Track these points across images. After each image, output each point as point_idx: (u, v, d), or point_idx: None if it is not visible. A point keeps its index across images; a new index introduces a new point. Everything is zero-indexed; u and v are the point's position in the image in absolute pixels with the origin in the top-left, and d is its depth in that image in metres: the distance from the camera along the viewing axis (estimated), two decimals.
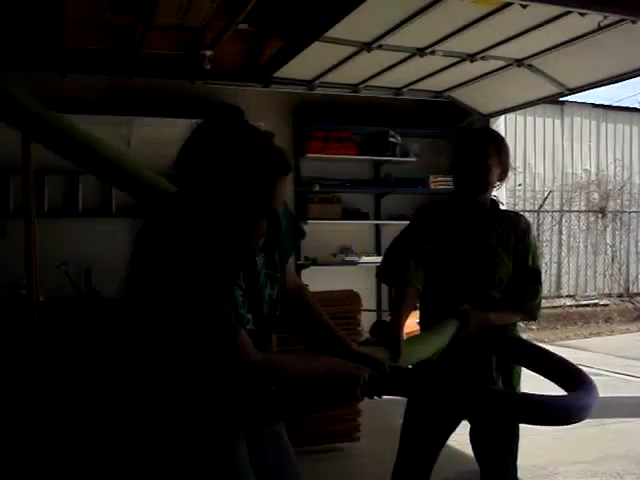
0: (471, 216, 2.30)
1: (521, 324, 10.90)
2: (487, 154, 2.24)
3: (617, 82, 5.82)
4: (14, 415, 3.40)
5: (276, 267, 1.70)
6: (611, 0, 4.20)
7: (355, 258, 6.86)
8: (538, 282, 2.37)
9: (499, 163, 2.27)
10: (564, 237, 10.53)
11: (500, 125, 7.61)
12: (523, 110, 8.52)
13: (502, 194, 7.80)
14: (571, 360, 2.08)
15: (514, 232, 2.31)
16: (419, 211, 2.43)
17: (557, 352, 2.14)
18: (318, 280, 3.76)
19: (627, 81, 5.87)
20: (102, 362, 3.27)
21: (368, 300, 5.82)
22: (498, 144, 2.30)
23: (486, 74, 6.23)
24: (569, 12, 4.48)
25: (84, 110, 6.04)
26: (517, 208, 9.92)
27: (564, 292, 10.52)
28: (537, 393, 1.76)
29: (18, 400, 3.40)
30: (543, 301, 2.39)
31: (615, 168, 11.01)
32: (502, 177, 2.31)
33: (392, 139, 7.09)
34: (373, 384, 1.61)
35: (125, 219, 6.15)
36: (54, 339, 3.38)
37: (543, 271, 2.59)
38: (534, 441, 4.22)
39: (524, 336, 8.29)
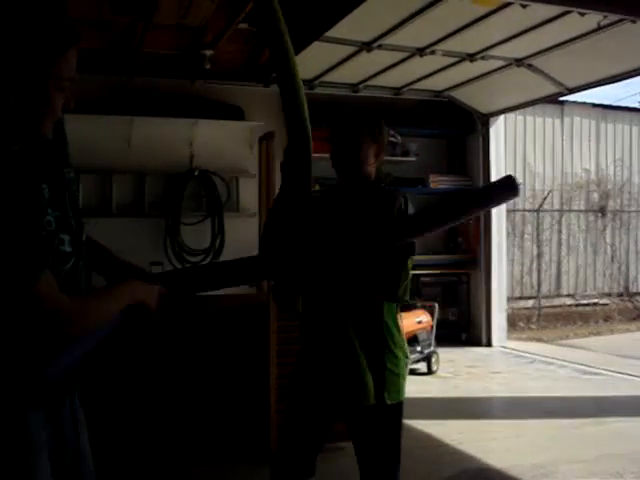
0: (349, 195, 2.30)
1: (521, 323, 10.70)
2: (359, 134, 2.24)
3: (617, 82, 5.83)
4: None
5: (74, 186, 1.55)
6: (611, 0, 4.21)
7: None
8: (403, 260, 2.17)
9: (372, 140, 2.26)
10: (564, 236, 10.53)
11: (500, 125, 7.63)
12: (523, 110, 8.53)
13: None
14: (571, 360, 2.08)
15: (383, 206, 2.21)
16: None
17: (557, 351, 2.13)
18: None
19: (627, 81, 5.90)
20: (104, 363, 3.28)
21: None
22: (371, 123, 2.28)
23: (486, 74, 6.24)
24: (569, 12, 4.49)
25: (84, 110, 6.04)
26: (517, 207, 9.94)
27: (564, 291, 10.50)
28: None
29: None
30: (543, 300, 2.33)
31: (615, 168, 11.01)
32: (379, 154, 2.29)
33: (392, 138, 7.09)
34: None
35: (125, 218, 6.18)
36: None
37: (543, 270, 2.55)
38: (534, 440, 4.22)
39: (524, 336, 8.33)
